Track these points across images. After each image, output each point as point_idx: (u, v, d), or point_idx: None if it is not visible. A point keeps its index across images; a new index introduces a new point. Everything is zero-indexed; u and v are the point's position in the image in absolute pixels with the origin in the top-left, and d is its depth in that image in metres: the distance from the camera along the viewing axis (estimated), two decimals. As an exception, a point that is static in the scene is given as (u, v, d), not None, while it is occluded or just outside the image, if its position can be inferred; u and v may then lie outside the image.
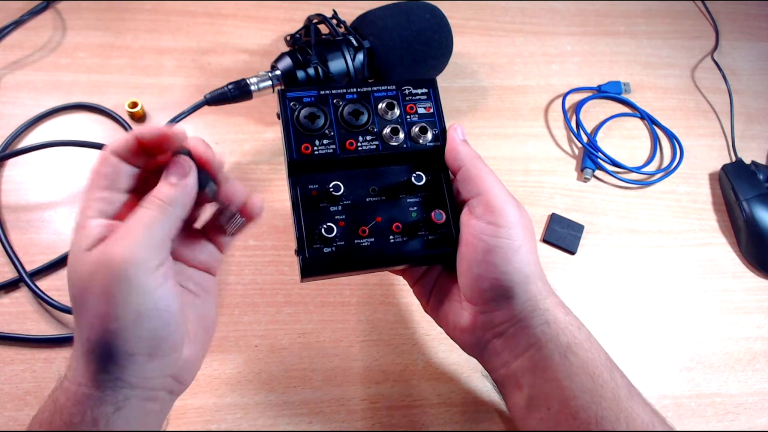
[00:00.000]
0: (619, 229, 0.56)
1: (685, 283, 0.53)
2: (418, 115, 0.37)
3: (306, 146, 0.35)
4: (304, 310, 0.47)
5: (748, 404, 0.47)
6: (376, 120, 0.37)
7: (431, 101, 0.38)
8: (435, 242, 0.36)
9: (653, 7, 0.74)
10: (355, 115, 0.36)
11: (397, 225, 0.35)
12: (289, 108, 0.35)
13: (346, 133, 0.36)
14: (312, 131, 0.35)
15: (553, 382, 0.32)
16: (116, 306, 0.27)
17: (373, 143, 0.36)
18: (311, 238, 0.34)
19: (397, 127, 0.36)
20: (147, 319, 0.27)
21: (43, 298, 0.45)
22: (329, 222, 0.34)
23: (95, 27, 0.61)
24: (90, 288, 0.27)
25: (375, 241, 0.35)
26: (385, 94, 0.37)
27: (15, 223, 0.49)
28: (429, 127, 0.37)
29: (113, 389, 0.28)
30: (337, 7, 0.56)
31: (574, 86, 0.64)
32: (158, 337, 0.28)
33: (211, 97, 0.49)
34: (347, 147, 0.35)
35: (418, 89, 0.38)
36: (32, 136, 0.54)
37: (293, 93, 0.36)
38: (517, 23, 0.69)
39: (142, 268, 0.27)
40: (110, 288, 0.26)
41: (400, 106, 0.37)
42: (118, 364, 0.27)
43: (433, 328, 0.48)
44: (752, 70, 0.70)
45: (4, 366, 0.43)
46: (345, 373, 0.45)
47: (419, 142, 0.37)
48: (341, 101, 0.36)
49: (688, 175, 0.60)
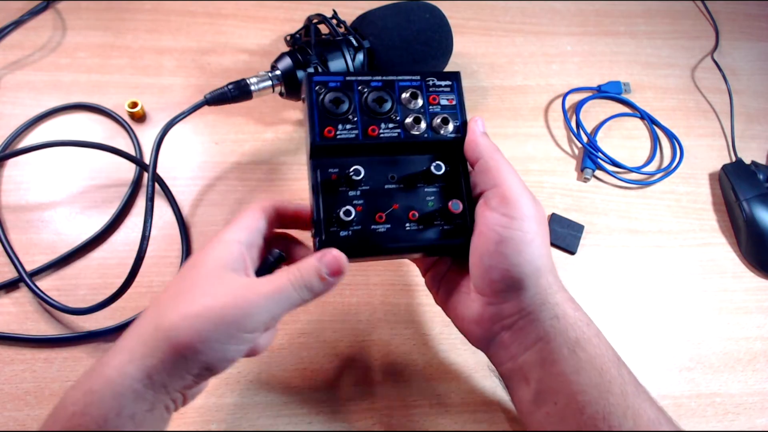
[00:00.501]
0: (619, 229, 0.56)
1: (685, 283, 0.53)
2: (441, 106, 0.37)
3: (329, 129, 0.35)
4: (304, 310, 0.47)
5: (748, 404, 0.47)
6: (399, 108, 0.37)
7: (454, 94, 0.38)
8: (450, 232, 0.36)
9: (653, 7, 0.74)
10: (379, 102, 0.36)
11: (413, 213, 0.36)
12: (315, 92, 0.36)
13: (369, 120, 0.36)
14: (336, 115, 0.36)
15: (561, 376, 0.32)
16: (216, 339, 0.29)
17: (395, 131, 0.36)
18: (329, 221, 0.34)
19: (420, 116, 0.36)
20: (226, 361, 0.30)
21: (43, 298, 0.44)
22: (348, 206, 0.34)
23: (95, 27, 0.61)
24: (205, 303, 0.29)
25: (391, 228, 0.35)
26: (409, 84, 0.37)
27: (15, 223, 0.49)
28: (451, 119, 0.37)
29: (156, 391, 0.29)
30: (337, 7, 0.56)
31: (574, 86, 0.64)
32: (217, 370, 0.30)
33: (211, 97, 0.49)
34: (369, 133, 0.36)
35: (442, 81, 0.38)
36: (32, 136, 0.54)
37: (320, 77, 0.36)
38: (517, 23, 0.69)
39: (256, 329, 0.30)
40: (222, 322, 0.29)
41: (423, 96, 0.37)
42: (179, 372, 0.29)
43: (433, 328, 0.48)
44: (752, 70, 0.70)
45: (4, 366, 0.43)
46: (345, 373, 0.45)
47: (440, 132, 0.37)
48: (366, 88, 0.37)
49: (688, 175, 0.60)
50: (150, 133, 0.55)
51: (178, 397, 0.31)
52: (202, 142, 0.55)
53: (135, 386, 0.28)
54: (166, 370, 0.29)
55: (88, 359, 0.43)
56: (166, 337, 0.28)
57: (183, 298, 0.30)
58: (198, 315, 0.29)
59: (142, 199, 0.51)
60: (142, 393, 0.28)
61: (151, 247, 0.44)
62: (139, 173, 0.52)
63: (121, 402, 0.28)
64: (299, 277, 0.31)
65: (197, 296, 0.29)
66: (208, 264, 0.31)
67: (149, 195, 0.44)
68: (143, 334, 0.29)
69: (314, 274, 0.31)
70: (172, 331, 0.28)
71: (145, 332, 0.30)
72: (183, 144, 0.55)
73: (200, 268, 0.31)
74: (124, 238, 0.49)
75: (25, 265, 0.46)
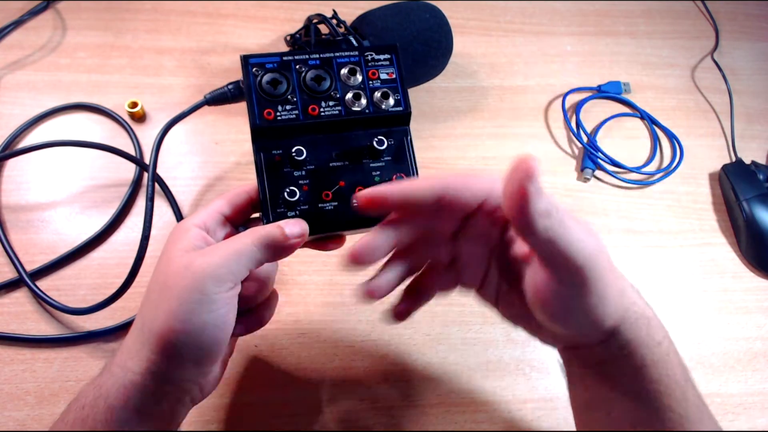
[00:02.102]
0: (619, 229, 0.56)
1: (685, 283, 0.53)
2: (381, 80, 0.37)
3: (269, 112, 0.35)
4: (304, 310, 0.47)
5: (748, 404, 0.47)
6: (339, 86, 0.36)
7: (393, 67, 0.37)
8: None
9: (653, 7, 0.74)
10: (318, 80, 0.36)
11: (360, 189, 0.35)
12: (252, 74, 0.35)
13: (308, 99, 0.36)
14: (275, 97, 0.35)
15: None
16: (186, 310, 0.29)
17: (336, 108, 0.36)
18: (275, 202, 0.34)
19: (360, 92, 0.36)
20: (208, 330, 0.30)
21: (43, 298, 0.44)
22: (292, 186, 0.34)
23: (95, 27, 0.61)
24: (169, 286, 0.29)
25: (338, 205, 0.35)
26: (347, 60, 0.37)
27: (15, 223, 0.49)
28: (391, 93, 0.36)
29: (158, 383, 0.30)
30: (337, 7, 0.56)
31: (574, 86, 0.64)
32: (209, 348, 0.30)
33: (211, 97, 0.49)
34: (310, 112, 0.35)
35: (381, 55, 0.37)
36: (32, 136, 0.54)
37: (256, 59, 0.36)
38: (517, 23, 0.69)
39: (219, 287, 0.29)
40: (186, 292, 0.29)
41: (362, 71, 0.37)
42: (170, 362, 0.30)
43: (433, 328, 0.48)
44: (752, 70, 0.70)
45: (4, 366, 0.43)
46: (345, 373, 0.45)
47: (381, 107, 0.36)
48: (304, 67, 0.36)
49: (688, 175, 0.60)
50: (150, 133, 0.55)
51: (191, 388, 0.32)
52: (202, 142, 0.55)
53: (136, 379, 0.30)
54: (162, 361, 0.30)
55: (88, 359, 0.44)
56: (149, 329, 0.30)
57: (157, 294, 0.31)
58: (168, 300, 0.30)
59: (142, 199, 0.51)
60: (144, 385, 0.30)
61: (151, 247, 0.44)
62: (139, 173, 0.52)
63: (125, 394, 0.29)
64: (257, 232, 0.31)
65: (165, 289, 0.30)
66: (169, 253, 0.31)
67: (149, 195, 0.44)
68: (136, 332, 0.31)
69: (273, 227, 0.31)
70: (154, 322, 0.30)
71: (137, 330, 0.31)
72: (183, 144, 0.55)
73: (163, 261, 0.32)
74: (124, 238, 0.49)
75: (25, 265, 0.46)
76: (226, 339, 0.31)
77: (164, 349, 0.29)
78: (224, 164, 0.54)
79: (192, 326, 0.29)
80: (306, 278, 0.49)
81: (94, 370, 0.43)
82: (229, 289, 0.30)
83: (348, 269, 0.32)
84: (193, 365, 0.31)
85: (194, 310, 0.29)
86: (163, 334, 0.29)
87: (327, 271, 0.49)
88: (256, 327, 0.36)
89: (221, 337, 0.31)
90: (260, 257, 0.31)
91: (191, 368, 0.31)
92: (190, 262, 0.30)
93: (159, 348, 0.29)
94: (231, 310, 0.31)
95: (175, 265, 0.30)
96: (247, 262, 0.30)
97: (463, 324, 0.48)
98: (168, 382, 0.30)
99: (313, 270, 0.49)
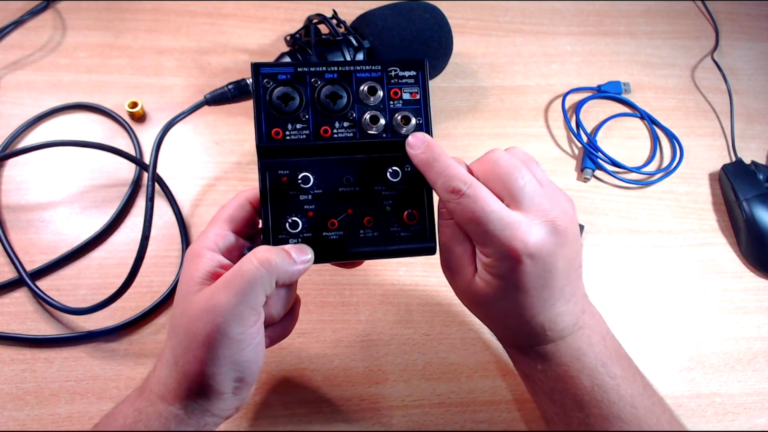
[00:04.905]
0: (619, 229, 0.56)
1: (685, 283, 0.53)
2: (403, 101, 0.34)
3: (277, 131, 0.33)
4: (304, 310, 0.47)
5: (748, 404, 0.47)
6: (356, 105, 0.34)
7: (419, 86, 0.34)
8: (406, 239, 0.34)
9: (653, 7, 0.74)
10: (333, 98, 0.33)
11: (368, 219, 0.34)
12: (262, 86, 0.33)
13: (321, 119, 0.33)
14: (285, 114, 0.33)
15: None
16: (218, 356, 0.30)
17: (350, 131, 0.33)
18: (277, 228, 0.33)
19: (377, 115, 0.33)
20: (242, 365, 0.30)
21: (43, 298, 0.44)
22: (296, 215, 0.33)
23: (95, 27, 0.61)
24: (194, 332, 0.30)
25: (344, 235, 0.33)
26: (368, 75, 0.34)
27: (15, 223, 0.49)
28: (413, 116, 0.34)
29: (198, 417, 0.31)
30: (337, 7, 0.56)
31: (574, 86, 0.64)
32: (245, 379, 0.31)
33: (211, 97, 0.49)
34: (321, 134, 0.33)
35: (406, 71, 0.34)
36: (32, 136, 0.54)
37: (267, 69, 0.33)
38: (517, 23, 0.69)
39: (243, 326, 0.30)
40: (212, 339, 0.29)
41: (383, 89, 0.34)
42: (209, 400, 0.31)
43: (433, 328, 0.48)
44: (752, 70, 0.70)
45: (4, 366, 0.43)
46: (345, 373, 0.45)
47: (400, 132, 0.34)
48: (319, 80, 0.33)
49: (688, 175, 0.60)
50: (150, 133, 0.55)
51: (230, 412, 0.33)
52: (202, 142, 0.55)
53: (179, 414, 0.31)
54: (202, 401, 0.31)
55: (88, 359, 0.44)
56: (185, 372, 0.31)
57: (184, 335, 0.31)
58: (197, 348, 0.30)
59: (142, 199, 0.51)
60: (188, 420, 0.31)
61: (151, 247, 0.44)
62: (139, 173, 0.52)
63: (167, 426, 0.31)
64: (267, 259, 0.30)
65: (191, 334, 0.30)
66: (187, 287, 0.31)
67: (149, 195, 0.44)
68: (170, 366, 0.32)
69: (281, 253, 0.31)
70: (187, 366, 0.30)
71: (170, 365, 0.31)
72: (183, 144, 0.55)
73: (181, 296, 0.32)
74: (124, 238, 0.49)
75: (25, 265, 0.46)
76: (260, 365, 0.32)
77: (203, 391, 0.30)
78: (224, 164, 0.54)
79: (226, 368, 0.30)
80: (306, 278, 0.49)
81: (94, 370, 0.43)
82: (253, 323, 0.30)
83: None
84: (231, 396, 0.31)
85: (225, 355, 0.29)
86: (199, 379, 0.30)
87: (327, 271, 0.49)
88: (281, 338, 0.36)
89: (255, 368, 0.31)
90: (272, 282, 0.31)
91: (230, 399, 0.31)
92: (207, 304, 0.30)
93: (197, 388, 0.30)
94: (260, 342, 0.31)
95: (194, 308, 0.30)
96: (262, 291, 0.30)
97: (463, 324, 0.48)
98: (208, 414, 0.31)
99: (313, 270, 0.49)
